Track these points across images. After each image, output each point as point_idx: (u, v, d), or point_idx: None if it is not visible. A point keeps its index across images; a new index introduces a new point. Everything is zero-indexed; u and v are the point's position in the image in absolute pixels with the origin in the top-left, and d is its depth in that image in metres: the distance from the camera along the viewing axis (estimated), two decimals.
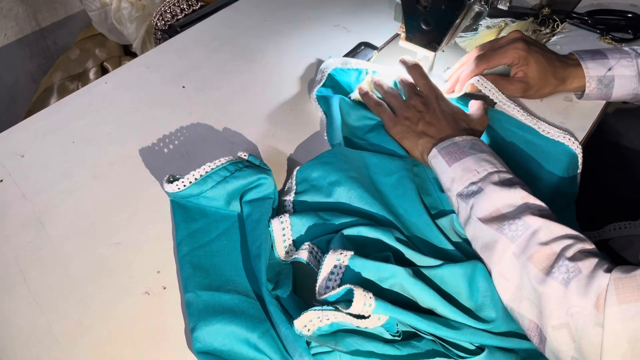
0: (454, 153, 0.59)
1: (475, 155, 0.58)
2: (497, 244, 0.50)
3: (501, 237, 0.50)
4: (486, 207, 0.53)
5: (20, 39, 1.56)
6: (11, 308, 0.54)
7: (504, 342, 0.49)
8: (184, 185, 0.59)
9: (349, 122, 0.72)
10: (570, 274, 0.45)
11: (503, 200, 0.52)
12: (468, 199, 0.55)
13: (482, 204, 0.53)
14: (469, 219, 0.55)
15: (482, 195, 0.54)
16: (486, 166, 0.56)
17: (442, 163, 0.59)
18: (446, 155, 0.59)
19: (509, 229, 0.50)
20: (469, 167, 0.57)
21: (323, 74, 0.78)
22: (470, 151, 0.58)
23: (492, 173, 0.55)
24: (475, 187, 0.55)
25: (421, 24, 0.69)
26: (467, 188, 0.56)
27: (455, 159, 0.58)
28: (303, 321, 0.46)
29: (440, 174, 0.60)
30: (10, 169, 0.67)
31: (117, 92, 0.80)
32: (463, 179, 0.56)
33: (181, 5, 1.30)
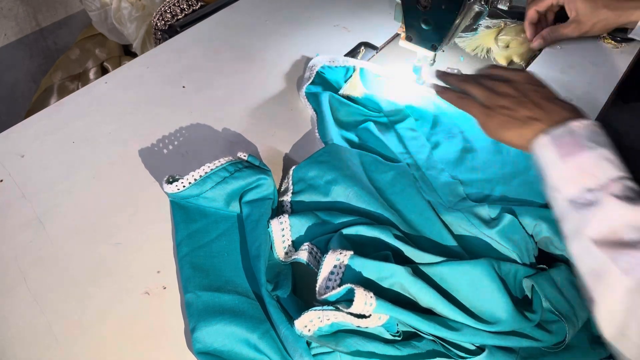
0: (568, 145, 0.49)
1: (595, 151, 0.48)
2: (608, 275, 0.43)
3: (614, 269, 0.43)
4: (601, 227, 0.45)
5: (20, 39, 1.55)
6: (11, 308, 0.54)
7: (505, 342, 0.49)
8: (184, 186, 0.59)
9: (338, 118, 0.73)
10: None
11: (624, 219, 0.44)
12: (581, 210, 0.46)
13: (597, 220, 0.45)
14: (577, 234, 0.47)
15: (599, 209, 0.45)
16: (607, 169, 0.47)
17: (552, 156, 0.49)
18: (559, 146, 0.49)
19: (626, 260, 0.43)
20: (585, 167, 0.47)
21: (312, 71, 0.78)
22: (588, 144, 0.48)
23: (614, 180, 0.46)
24: (592, 196, 0.46)
25: (421, 24, 0.69)
26: (581, 194, 0.47)
27: (569, 152, 0.48)
28: (303, 321, 0.46)
29: (549, 169, 0.50)
30: (10, 169, 0.67)
31: (117, 92, 0.80)
32: (577, 182, 0.47)
33: (181, 5, 1.30)
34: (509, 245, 0.56)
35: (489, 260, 0.52)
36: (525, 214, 0.58)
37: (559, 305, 0.51)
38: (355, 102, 0.77)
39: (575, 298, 0.52)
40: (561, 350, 0.51)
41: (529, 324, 0.50)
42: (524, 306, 0.52)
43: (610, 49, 0.88)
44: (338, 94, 0.77)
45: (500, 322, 0.49)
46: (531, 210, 0.58)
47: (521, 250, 0.56)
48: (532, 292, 0.53)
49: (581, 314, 0.51)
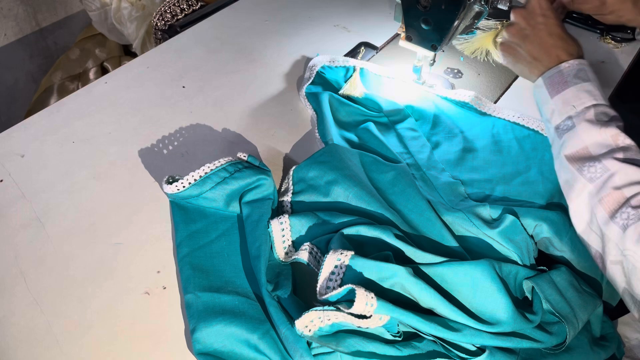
0: (557, 83, 0.58)
1: (577, 85, 0.57)
2: (576, 183, 0.53)
3: (580, 178, 0.53)
4: (575, 145, 0.55)
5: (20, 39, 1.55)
6: (11, 308, 0.54)
7: (505, 343, 0.49)
8: (183, 187, 0.59)
9: (338, 118, 0.73)
10: (629, 221, 0.48)
11: (592, 138, 0.54)
12: (562, 134, 0.56)
13: (571, 141, 0.55)
14: (558, 154, 0.57)
15: (573, 132, 0.55)
16: (585, 99, 0.56)
17: (544, 94, 0.59)
18: (550, 85, 0.59)
19: (589, 170, 0.52)
20: (568, 100, 0.57)
21: (312, 71, 0.78)
22: (573, 80, 0.58)
23: (589, 107, 0.55)
24: (570, 122, 0.56)
25: (421, 24, 0.69)
26: (564, 122, 0.57)
27: (557, 89, 0.58)
28: (304, 321, 0.46)
29: (542, 105, 0.60)
30: (10, 169, 0.67)
31: (117, 92, 0.80)
32: (562, 112, 0.57)
33: (181, 5, 1.30)
34: (510, 246, 0.56)
35: (489, 261, 0.52)
36: (527, 215, 0.58)
37: (559, 307, 0.51)
38: (356, 102, 0.77)
39: (576, 299, 0.52)
40: (561, 352, 0.51)
41: (530, 325, 0.50)
42: (524, 307, 0.52)
43: (610, 48, 0.88)
44: (338, 94, 0.77)
45: (501, 323, 0.49)
46: (532, 211, 0.58)
47: (522, 251, 0.56)
48: (533, 294, 0.53)
49: (581, 316, 0.51)
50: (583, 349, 0.52)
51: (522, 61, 0.64)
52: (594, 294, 0.54)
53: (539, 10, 0.64)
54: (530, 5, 0.64)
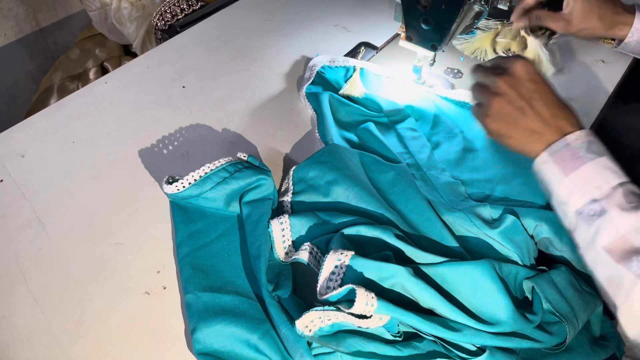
0: (568, 159, 0.51)
1: (594, 161, 0.50)
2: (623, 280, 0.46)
3: (627, 273, 0.46)
4: (611, 234, 0.47)
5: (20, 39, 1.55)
6: (11, 308, 0.54)
7: (505, 343, 0.49)
8: (183, 187, 0.59)
9: (338, 118, 0.73)
10: None
11: (631, 225, 0.47)
12: (590, 221, 0.49)
13: (606, 230, 0.48)
14: (590, 244, 0.49)
15: (606, 218, 0.48)
16: (609, 177, 0.49)
17: (555, 172, 0.52)
18: (560, 161, 0.52)
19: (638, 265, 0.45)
20: (588, 178, 0.50)
21: (312, 71, 0.78)
22: (587, 155, 0.51)
23: (615, 187, 0.49)
24: (598, 206, 0.49)
25: (421, 24, 0.69)
26: (587, 206, 0.49)
27: (571, 167, 0.51)
28: (305, 321, 0.46)
29: (554, 185, 0.52)
30: (10, 169, 0.67)
31: (117, 92, 0.80)
32: (583, 194, 0.50)
33: (181, 5, 1.30)
34: (510, 246, 0.56)
35: (489, 261, 0.52)
36: (527, 215, 0.58)
37: (559, 307, 0.51)
38: (356, 102, 0.77)
39: (576, 299, 0.52)
40: (561, 352, 0.51)
41: (530, 325, 0.50)
42: (524, 307, 0.52)
43: (611, 49, 0.88)
44: (338, 94, 0.77)
45: (501, 323, 0.49)
46: (533, 212, 0.58)
47: (522, 251, 0.56)
48: (533, 294, 0.53)
49: (581, 315, 0.51)
50: (583, 349, 0.52)
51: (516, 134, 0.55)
52: (594, 293, 0.54)
53: (527, 76, 0.56)
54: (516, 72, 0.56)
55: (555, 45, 0.87)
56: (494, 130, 0.57)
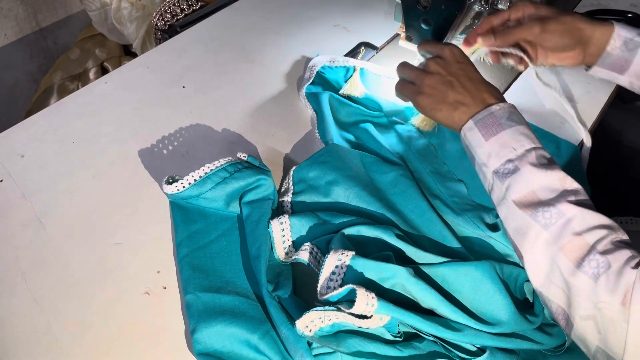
0: (490, 126, 0.56)
1: (513, 127, 0.55)
2: (529, 230, 0.49)
3: (534, 224, 0.49)
4: (522, 189, 0.51)
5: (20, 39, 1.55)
6: (11, 308, 0.54)
7: (505, 343, 0.49)
8: (183, 187, 0.59)
9: (338, 118, 0.73)
10: (600, 269, 0.45)
11: (539, 182, 0.51)
12: (504, 178, 0.53)
13: (517, 185, 0.52)
14: (503, 199, 0.53)
15: (518, 175, 0.52)
16: (524, 142, 0.54)
17: (478, 137, 0.56)
18: (482, 127, 0.56)
19: (543, 216, 0.49)
20: (505, 143, 0.54)
21: (312, 71, 0.78)
22: (507, 123, 0.55)
23: (529, 150, 0.53)
24: (512, 165, 0.53)
25: (421, 24, 0.69)
26: (503, 165, 0.53)
27: (492, 132, 0.55)
28: (305, 321, 0.46)
29: (477, 148, 0.57)
30: (10, 169, 0.67)
31: (117, 92, 0.80)
32: (500, 155, 0.54)
33: (181, 5, 1.30)
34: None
35: (490, 262, 0.52)
36: None
37: None
38: (356, 102, 0.77)
39: None
40: (561, 353, 0.51)
41: (530, 326, 0.50)
42: (524, 309, 0.52)
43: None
44: (338, 94, 0.77)
45: (501, 323, 0.49)
46: None
47: None
48: (534, 296, 0.53)
49: None
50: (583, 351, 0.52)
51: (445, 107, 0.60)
52: None
53: (454, 58, 0.62)
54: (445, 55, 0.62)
55: None
56: (426, 105, 0.61)
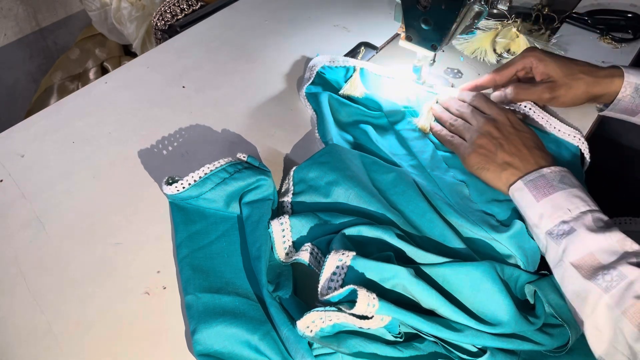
0: (542, 187, 0.55)
1: (566, 190, 0.54)
2: (589, 294, 0.48)
3: (594, 287, 0.47)
4: (579, 251, 0.50)
5: (20, 39, 1.56)
6: (11, 308, 0.54)
7: (506, 344, 0.49)
8: (183, 187, 0.59)
9: (338, 118, 0.73)
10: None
11: (598, 244, 0.49)
12: (559, 239, 0.52)
13: (574, 247, 0.50)
14: (559, 261, 0.52)
15: (575, 237, 0.51)
16: (578, 204, 0.53)
17: (528, 197, 0.56)
18: (533, 189, 0.56)
19: (603, 279, 0.47)
20: (559, 204, 0.53)
21: (312, 71, 0.78)
22: (560, 185, 0.54)
23: (585, 212, 0.52)
24: (567, 226, 0.52)
25: (421, 24, 0.69)
26: (557, 227, 0.52)
27: (543, 193, 0.54)
28: (306, 322, 0.46)
29: (526, 209, 0.56)
30: (10, 169, 0.67)
31: (117, 92, 0.80)
32: (553, 217, 0.53)
33: (181, 5, 1.30)
34: (517, 252, 0.56)
35: (491, 263, 0.52)
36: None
37: (562, 311, 0.51)
38: (356, 102, 0.77)
39: None
40: (562, 355, 0.51)
41: (531, 327, 0.50)
42: (525, 310, 0.52)
43: (611, 49, 0.88)
44: (338, 94, 0.77)
45: (502, 324, 0.49)
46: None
47: (527, 259, 0.56)
48: (535, 297, 0.53)
49: None
50: (583, 351, 0.52)
51: (493, 167, 0.60)
52: None
53: (509, 124, 0.63)
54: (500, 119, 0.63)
55: (554, 46, 0.87)
56: (474, 164, 0.62)
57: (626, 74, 0.68)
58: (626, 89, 0.68)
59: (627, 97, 0.68)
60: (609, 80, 0.68)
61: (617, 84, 0.68)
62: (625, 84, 0.67)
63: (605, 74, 0.68)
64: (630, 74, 0.68)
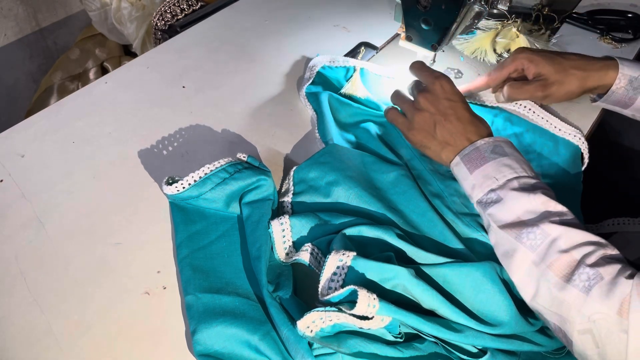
0: (474, 159, 0.58)
1: (496, 160, 0.56)
2: (516, 253, 0.50)
3: (520, 246, 0.50)
4: (506, 215, 0.53)
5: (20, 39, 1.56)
6: (11, 308, 0.54)
7: (506, 345, 0.49)
8: (183, 188, 0.59)
9: (338, 118, 0.73)
10: (591, 281, 0.45)
11: (523, 207, 0.52)
12: (487, 207, 0.55)
13: (501, 211, 0.53)
14: (489, 226, 0.55)
15: (501, 203, 0.53)
16: (505, 172, 0.55)
17: (464, 170, 0.58)
18: (467, 162, 0.58)
19: (528, 237, 0.50)
20: (488, 174, 0.56)
21: (312, 71, 0.78)
22: (491, 156, 0.57)
23: (511, 180, 0.54)
24: (494, 195, 0.54)
25: (421, 24, 0.69)
26: (486, 195, 0.55)
27: (476, 165, 0.57)
28: (306, 322, 0.46)
29: (462, 182, 0.59)
30: (10, 169, 0.67)
31: (117, 92, 0.79)
32: (483, 186, 0.56)
33: (181, 5, 1.30)
34: None
35: (491, 263, 0.52)
36: None
37: None
38: (356, 102, 0.77)
39: None
40: (562, 356, 0.51)
41: (531, 328, 0.50)
42: (525, 311, 0.52)
43: (611, 49, 0.88)
44: (338, 93, 0.77)
45: (502, 324, 0.49)
46: None
47: None
48: None
49: None
50: None
51: (433, 144, 0.63)
52: None
53: (443, 94, 0.63)
54: (434, 89, 0.63)
55: (554, 46, 0.87)
56: (417, 142, 0.64)
57: (621, 66, 0.68)
58: (620, 81, 0.68)
59: (620, 88, 0.69)
60: (603, 72, 0.69)
61: (612, 75, 0.69)
62: (620, 75, 0.68)
63: (598, 67, 0.69)
64: (624, 66, 0.68)
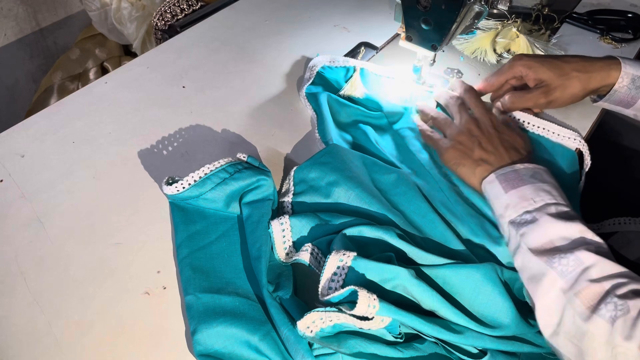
0: (512, 180, 0.56)
1: (535, 184, 0.54)
2: (544, 277, 0.48)
3: (550, 271, 0.48)
4: (539, 238, 0.50)
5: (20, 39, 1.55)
6: (11, 308, 0.54)
7: (506, 346, 0.49)
8: (183, 188, 0.59)
9: (338, 119, 0.73)
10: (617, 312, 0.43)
11: (558, 232, 0.50)
12: (520, 227, 0.52)
13: (534, 234, 0.51)
14: (518, 247, 0.52)
15: (536, 225, 0.51)
16: (544, 196, 0.53)
17: (498, 189, 0.56)
18: (503, 181, 0.56)
19: (560, 262, 0.48)
20: (525, 196, 0.54)
21: (312, 71, 0.78)
22: (530, 180, 0.55)
23: (549, 204, 0.52)
24: (530, 216, 0.52)
25: (421, 24, 0.69)
26: (520, 216, 0.53)
27: (512, 186, 0.55)
28: (306, 322, 0.46)
29: (494, 200, 0.57)
30: (10, 169, 0.67)
31: (117, 92, 0.79)
32: (517, 207, 0.53)
33: (181, 5, 1.30)
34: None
35: (492, 265, 0.52)
36: None
37: None
38: (356, 102, 0.77)
39: None
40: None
41: (531, 329, 0.50)
42: (526, 312, 0.52)
43: (611, 49, 0.88)
44: (338, 94, 0.77)
45: (503, 326, 0.49)
46: None
47: None
48: None
49: None
50: None
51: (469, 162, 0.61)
52: None
53: (490, 124, 0.64)
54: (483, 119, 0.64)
55: (554, 46, 0.87)
56: (451, 159, 0.63)
57: (623, 65, 0.67)
58: (623, 80, 0.67)
59: (623, 88, 0.68)
60: (605, 72, 0.68)
61: (614, 75, 0.68)
62: (623, 74, 0.67)
63: (599, 67, 0.68)
64: (627, 64, 0.67)
